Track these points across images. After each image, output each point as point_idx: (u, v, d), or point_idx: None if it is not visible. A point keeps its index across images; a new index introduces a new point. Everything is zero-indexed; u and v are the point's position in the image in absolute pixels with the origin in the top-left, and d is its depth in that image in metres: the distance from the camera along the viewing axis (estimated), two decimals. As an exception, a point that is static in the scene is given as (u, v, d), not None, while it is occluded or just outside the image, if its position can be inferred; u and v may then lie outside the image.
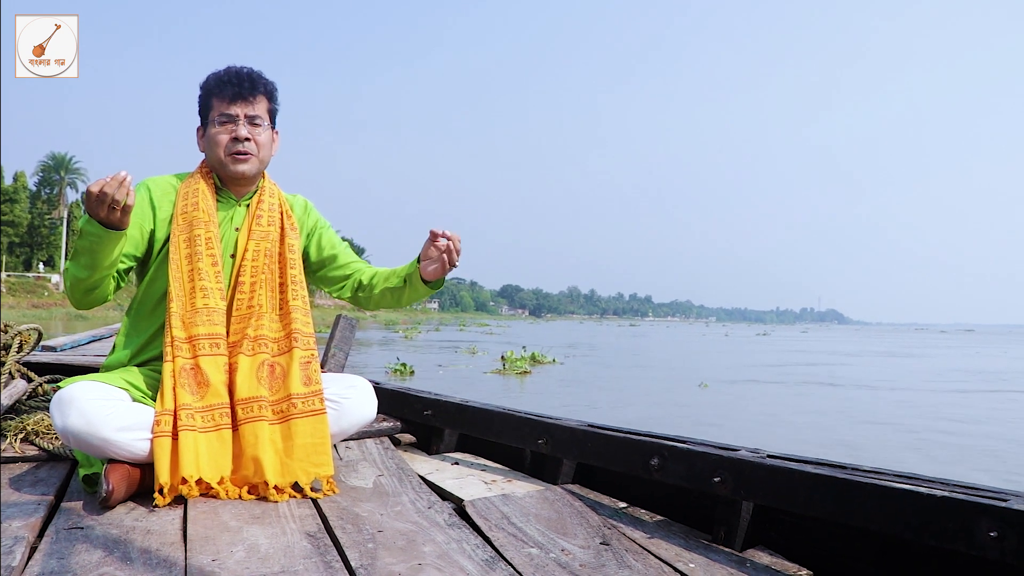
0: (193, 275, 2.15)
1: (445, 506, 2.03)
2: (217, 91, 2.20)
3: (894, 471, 1.82)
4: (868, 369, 19.69)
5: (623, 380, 14.39)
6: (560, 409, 9.16)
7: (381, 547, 1.68)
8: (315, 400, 2.14)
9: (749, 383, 14.15)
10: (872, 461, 2.36)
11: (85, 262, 1.97)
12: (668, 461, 2.04)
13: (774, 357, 24.26)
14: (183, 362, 2.07)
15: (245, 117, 2.20)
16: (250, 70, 2.24)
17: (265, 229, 2.27)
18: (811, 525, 1.86)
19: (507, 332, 44.44)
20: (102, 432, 1.92)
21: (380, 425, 2.94)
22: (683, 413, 9.44)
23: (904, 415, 9.87)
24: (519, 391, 11.70)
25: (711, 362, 21.19)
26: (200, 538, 1.69)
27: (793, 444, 6.72)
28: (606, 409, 9.58)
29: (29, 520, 1.77)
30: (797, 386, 13.89)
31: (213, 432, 2.03)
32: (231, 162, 2.21)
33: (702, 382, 13.64)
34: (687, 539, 1.92)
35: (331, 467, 2.12)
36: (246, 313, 2.20)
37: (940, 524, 1.50)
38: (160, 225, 2.21)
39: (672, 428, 6.69)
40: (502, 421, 2.61)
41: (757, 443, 2.30)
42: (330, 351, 3.31)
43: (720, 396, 11.69)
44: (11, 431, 2.47)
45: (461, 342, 27.42)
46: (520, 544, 1.77)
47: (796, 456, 1.96)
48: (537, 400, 10.44)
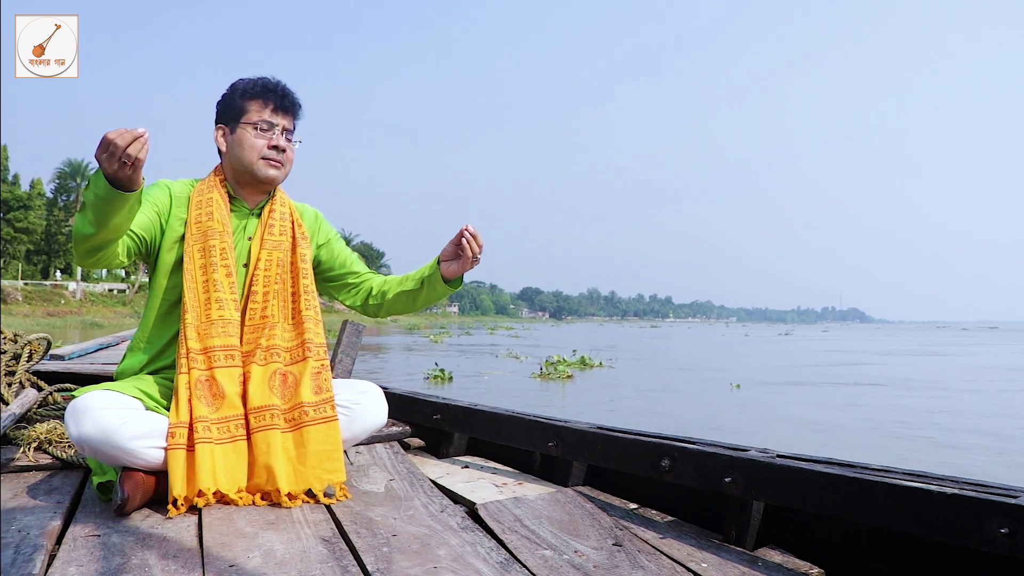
0: (208, 286, 2.15)
1: (457, 509, 2.05)
2: (259, 97, 2.22)
3: (903, 469, 1.83)
4: (905, 369, 19.27)
5: (674, 383, 14.09)
6: (624, 415, 8.90)
7: (396, 551, 1.69)
8: (326, 407, 2.16)
9: (808, 386, 13.82)
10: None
11: (91, 218, 1.91)
12: (678, 462, 2.05)
13: (809, 358, 23.87)
14: (199, 374, 2.08)
15: (284, 130, 2.25)
16: (288, 85, 2.29)
17: (277, 239, 2.28)
18: (822, 524, 1.87)
19: (533, 335, 44.12)
20: (117, 441, 1.93)
21: (390, 430, 2.95)
22: (765, 416, 9.18)
23: (979, 418, 9.49)
24: (574, 397, 11.41)
25: (756, 364, 20.74)
26: (216, 544, 1.71)
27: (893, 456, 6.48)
28: (684, 416, 9.22)
29: (46, 528, 1.78)
30: (853, 388, 13.56)
31: (229, 444, 2.05)
32: (264, 166, 2.22)
33: (747, 382, 13.43)
34: (699, 539, 1.94)
35: (343, 473, 2.13)
36: (259, 323, 2.21)
37: (950, 521, 1.51)
38: (174, 223, 2.21)
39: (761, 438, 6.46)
40: (512, 424, 2.62)
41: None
42: (337, 357, 3.32)
43: (786, 399, 11.36)
44: (24, 440, 2.48)
45: (493, 346, 27.01)
46: (533, 546, 1.79)
47: (806, 456, 1.98)
48: (597, 406, 10.13)
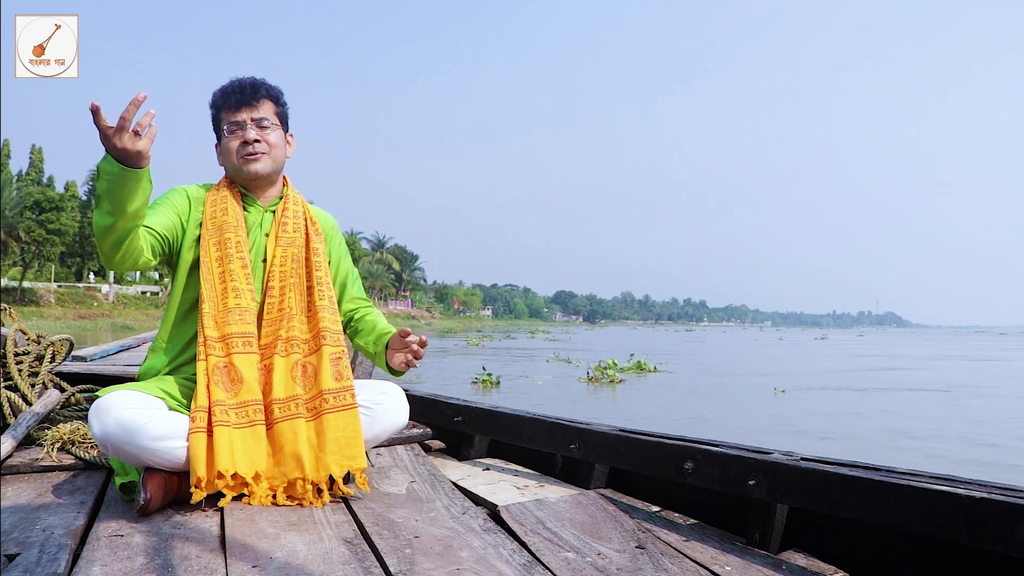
0: (224, 276, 2.19)
1: (479, 511, 2.04)
2: (223, 103, 2.27)
3: (930, 473, 1.81)
4: (957, 374, 18.54)
5: (727, 387, 13.86)
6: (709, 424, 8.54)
7: (419, 552, 1.69)
8: (346, 395, 2.18)
9: (858, 391, 13.38)
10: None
11: (107, 207, 1.92)
12: (702, 465, 2.04)
13: (851, 363, 23.05)
14: (216, 360, 2.10)
15: (251, 121, 2.26)
16: (252, 78, 2.30)
17: (291, 235, 2.31)
18: (846, 527, 1.85)
19: (571, 339, 43.70)
20: (139, 440, 1.94)
21: (411, 432, 2.95)
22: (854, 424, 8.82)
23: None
24: (631, 401, 11.12)
25: (802, 368, 20.06)
26: (238, 545, 1.71)
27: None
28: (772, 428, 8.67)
29: (71, 528, 1.79)
30: (904, 393, 13.09)
31: (247, 428, 2.06)
32: (243, 163, 2.25)
33: (795, 388, 13.05)
34: (722, 542, 1.92)
35: (364, 460, 2.14)
36: (277, 316, 2.24)
37: (979, 525, 1.49)
38: (192, 224, 2.25)
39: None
40: (533, 427, 2.61)
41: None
42: (358, 358, 3.32)
43: (859, 406, 11.01)
44: (47, 441, 2.50)
45: (538, 350, 26.65)
46: (556, 548, 1.77)
47: (830, 459, 1.95)
48: (664, 411, 9.80)
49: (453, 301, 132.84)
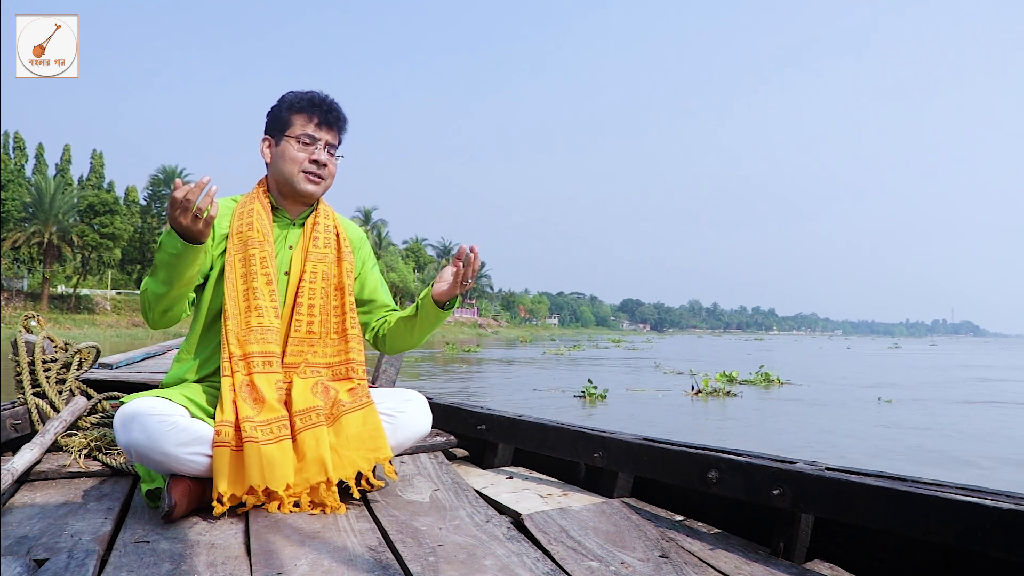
0: (248, 294, 2.19)
1: (503, 520, 2.03)
2: (304, 110, 2.26)
3: (956, 483, 1.78)
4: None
5: (854, 401, 12.29)
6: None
7: (442, 561, 1.69)
8: (361, 396, 2.23)
9: (970, 404, 12.27)
10: None
11: (163, 277, 2.01)
12: (726, 474, 2.02)
13: (939, 374, 21.11)
14: (241, 378, 2.12)
15: (327, 144, 2.28)
16: (335, 101, 2.31)
17: (322, 251, 2.32)
18: (872, 537, 1.83)
19: (652, 348, 42.99)
20: (163, 447, 1.96)
21: (434, 440, 2.95)
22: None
23: None
24: (767, 421, 9.91)
25: (914, 378, 18.57)
26: (263, 552, 1.72)
27: None
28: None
29: (98, 534, 1.81)
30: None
31: (274, 444, 2.07)
32: (303, 180, 2.26)
33: (902, 399, 11.97)
34: (746, 552, 1.90)
35: (389, 450, 2.17)
36: (305, 337, 2.26)
37: (1009, 537, 1.47)
38: (218, 241, 2.26)
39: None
40: (556, 435, 2.61)
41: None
42: (381, 367, 3.34)
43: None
44: (75, 447, 2.52)
45: (626, 360, 25.93)
46: (580, 557, 1.77)
47: (855, 468, 1.93)
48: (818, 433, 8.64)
49: (519, 309, 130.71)
